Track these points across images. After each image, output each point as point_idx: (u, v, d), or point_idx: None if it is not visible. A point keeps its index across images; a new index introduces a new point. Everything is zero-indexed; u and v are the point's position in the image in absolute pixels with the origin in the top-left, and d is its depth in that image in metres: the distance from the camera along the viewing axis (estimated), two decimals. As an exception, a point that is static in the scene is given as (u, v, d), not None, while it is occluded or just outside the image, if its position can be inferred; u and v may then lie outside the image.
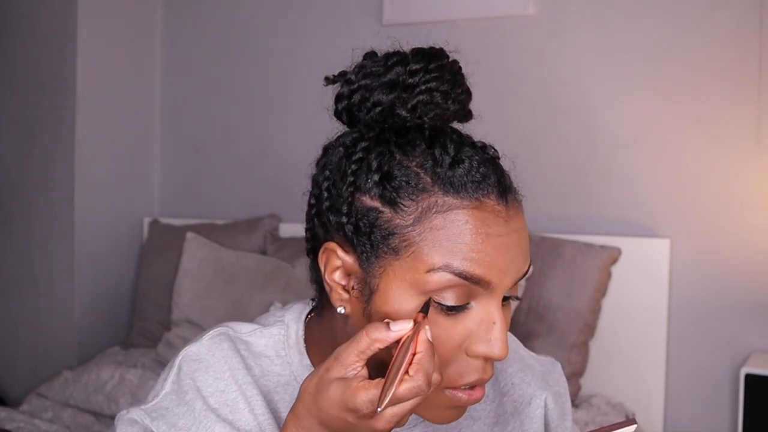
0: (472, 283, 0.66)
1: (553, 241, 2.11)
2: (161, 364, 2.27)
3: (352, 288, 0.71)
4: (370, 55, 0.74)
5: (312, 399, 0.65)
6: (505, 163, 0.73)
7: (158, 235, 2.71)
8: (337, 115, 0.75)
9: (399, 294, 0.68)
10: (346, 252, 0.71)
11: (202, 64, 2.86)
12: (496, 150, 0.72)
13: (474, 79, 0.78)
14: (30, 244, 2.72)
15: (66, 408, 2.10)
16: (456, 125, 0.75)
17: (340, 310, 0.72)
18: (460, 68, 0.74)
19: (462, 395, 0.70)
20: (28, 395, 2.25)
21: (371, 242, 0.69)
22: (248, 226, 2.59)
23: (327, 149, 0.75)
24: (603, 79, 2.23)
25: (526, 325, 2.06)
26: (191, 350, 0.77)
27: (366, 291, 0.70)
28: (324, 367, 0.65)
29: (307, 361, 0.78)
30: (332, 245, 0.71)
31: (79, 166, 2.60)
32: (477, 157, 0.69)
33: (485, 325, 0.68)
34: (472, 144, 0.71)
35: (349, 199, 0.69)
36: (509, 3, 2.31)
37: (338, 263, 0.71)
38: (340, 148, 0.72)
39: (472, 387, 0.70)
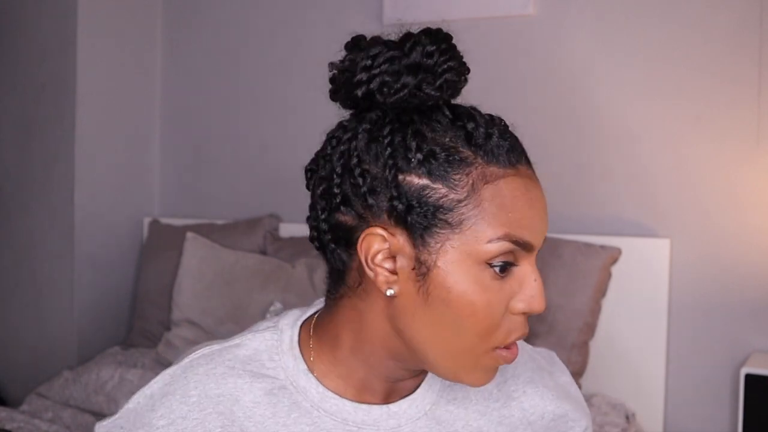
0: (522, 248, 0.71)
1: (553, 241, 2.11)
2: (161, 364, 2.27)
3: (402, 269, 0.72)
4: (373, 41, 0.75)
5: None
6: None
7: (158, 235, 2.71)
8: (353, 100, 0.75)
9: (460, 266, 0.71)
10: (392, 234, 0.72)
11: (202, 64, 2.86)
12: (503, 119, 0.77)
13: (474, 79, 0.79)
14: (30, 244, 2.72)
15: (66, 408, 2.10)
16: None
17: (389, 292, 0.72)
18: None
19: (504, 353, 0.74)
20: (28, 395, 2.25)
21: (427, 220, 0.70)
22: (248, 226, 2.59)
23: (332, 138, 0.76)
24: (603, 78, 2.23)
25: (526, 325, 2.05)
26: (168, 372, 0.78)
27: (422, 269, 0.71)
28: None
29: (303, 366, 0.78)
30: (376, 230, 0.72)
31: (79, 166, 2.60)
32: (501, 126, 0.74)
33: (527, 283, 0.72)
34: (488, 115, 0.75)
35: (394, 181, 0.71)
36: (509, 3, 2.31)
37: (382, 247, 0.72)
38: (364, 133, 0.73)
39: (508, 347, 0.74)
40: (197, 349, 0.82)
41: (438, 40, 0.73)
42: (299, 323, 0.81)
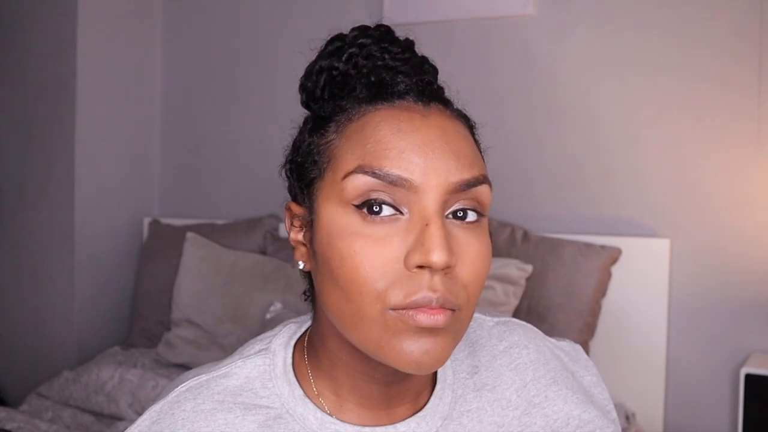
0: (392, 184, 0.61)
1: (553, 241, 2.11)
2: (161, 364, 2.27)
3: (305, 236, 0.68)
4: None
5: None
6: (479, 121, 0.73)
7: (158, 235, 2.71)
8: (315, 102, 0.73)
9: (329, 214, 0.64)
10: (298, 203, 0.70)
11: (202, 64, 2.86)
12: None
13: (474, 79, 0.78)
14: (30, 244, 2.72)
15: (66, 408, 2.10)
16: None
17: (300, 265, 0.68)
18: (393, 34, 0.72)
19: (413, 313, 0.61)
20: (28, 395, 2.25)
21: (304, 172, 0.68)
22: (248, 226, 2.59)
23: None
24: (603, 78, 2.23)
25: (526, 325, 2.05)
26: (155, 408, 0.71)
27: (308, 227, 0.67)
28: None
29: (299, 392, 0.71)
30: (289, 203, 0.71)
31: (79, 166, 2.60)
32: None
33: (420, 230, 0.61)
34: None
35: (293, 145, 0.71)
36: (509, 3, 2.31)
37: (295, 220, 0.70)
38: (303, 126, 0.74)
39: (419, 306, 0.61)
40: (185, 378, 0.76)
41: (361, 29, 0.72)
42: (293, 342, 0.74)
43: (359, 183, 0.62)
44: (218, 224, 2.64)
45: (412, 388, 0.72)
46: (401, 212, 0.62)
